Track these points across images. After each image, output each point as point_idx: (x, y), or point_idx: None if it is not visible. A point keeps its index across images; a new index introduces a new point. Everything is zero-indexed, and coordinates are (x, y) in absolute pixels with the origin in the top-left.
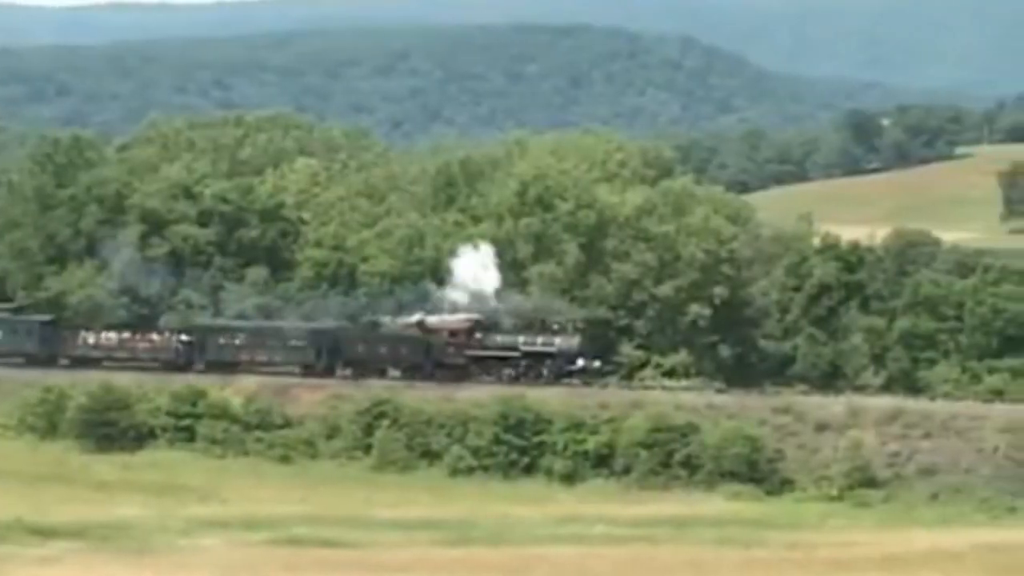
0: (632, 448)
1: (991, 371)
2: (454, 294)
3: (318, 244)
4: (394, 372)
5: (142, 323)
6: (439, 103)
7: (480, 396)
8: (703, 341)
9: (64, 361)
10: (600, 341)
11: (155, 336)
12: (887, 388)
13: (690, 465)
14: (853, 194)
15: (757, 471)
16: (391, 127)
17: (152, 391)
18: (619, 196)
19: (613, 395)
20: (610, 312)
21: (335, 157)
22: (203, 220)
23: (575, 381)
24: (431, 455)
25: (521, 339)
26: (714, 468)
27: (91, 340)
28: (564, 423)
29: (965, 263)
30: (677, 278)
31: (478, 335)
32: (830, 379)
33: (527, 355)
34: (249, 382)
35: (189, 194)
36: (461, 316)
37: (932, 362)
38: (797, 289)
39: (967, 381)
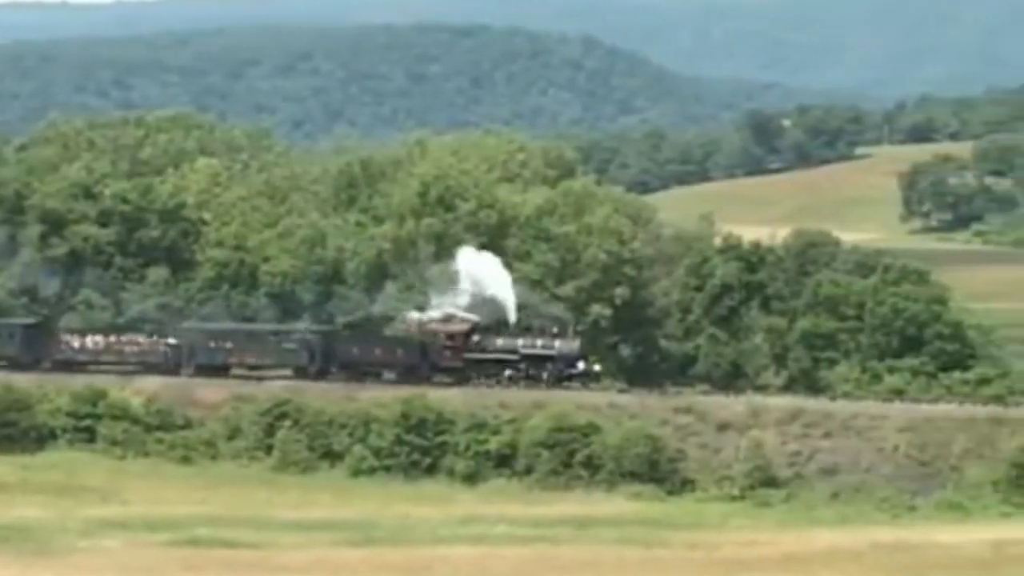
0: (534, 448)
1: (891, 371)
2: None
3: (219, 244)
4: (389, 375)
5: (127, 327)
6: (341, 103)
7: (382, 396)
8: (605, 341)
9: (48, 364)
10: None
11: (142, 339)
12: (788, 388)
13: (591, 465)
14: (754, 194)
15: (658, 471)
16: (292, 127)
17: (53, 391)
18: (520, 196)
19: (514, 395)
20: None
21: (236, 157)
22: (103, 220)
23: (576, 384)
24: (333, 456)
25: (520, 342)
26: (615, 468)
27: (76, 343)
28: (466, 423)
29: (865, 263)
30: (578, 278)
31: (476, 338)
32: (731, 379)
33: (526, 358)
34: (150, 383)
35: (89, 194)
36: (459, 317)
37: (832, 362)
38: (698, 289)
39: (867, 381)
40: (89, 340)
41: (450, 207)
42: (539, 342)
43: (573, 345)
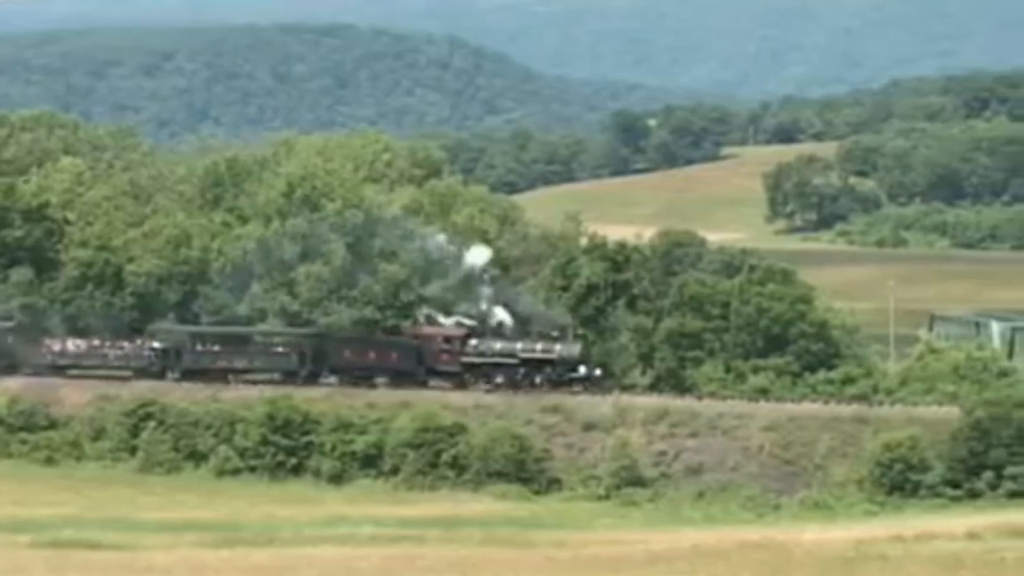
0: (400, 448)
1: (756, 370)
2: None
3: (83, 244)
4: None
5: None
6: (205, 103)
7: (248, 396)
8: None
9: (28, 370)
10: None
11: (126, 343)
12: (654, 387)
13: (458, 465)
14: (620, 195)
15: (525, 471)
16: (157, 126)
17: None
18: (386, 196)
19: (381, 395)
20: (378, 312)
21: (100, 157)
22: None
23: (577, 388)
24: (198, 456)
25: (519, 346)
26: (482, 468)
27: (57, 347)
28: (332, 423)
29: (731, 263)
30: (444, 278)
31: (474, 341)
32: (598, 378)
33: (526, 362)
34: (13, 383)
35: None
36: (455, 321)
37: (698, 361)
38: (565, 289)
39: (732, 380)
40: (71, 344)
41: (316, 207)
42: (539, 346)
43: (574, 349)
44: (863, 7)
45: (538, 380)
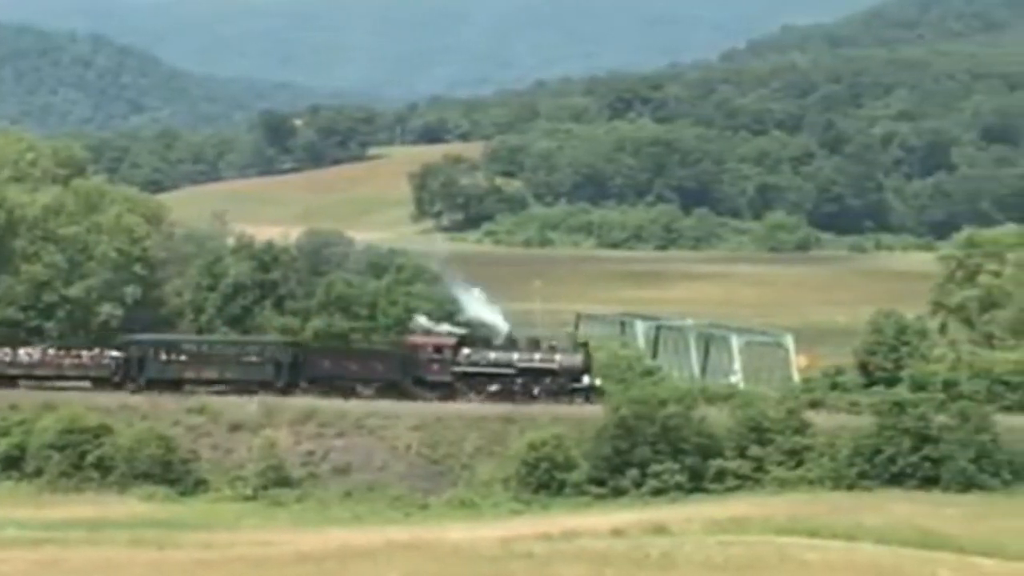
0: (44, 450)
1: None
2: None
3: None
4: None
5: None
6: None
7: None
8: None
9: None
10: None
11: (84, 352)
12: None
13: (103, 467)
14: (267, 194)
15: (171, 472)
16: None
17: None
18: (29, 196)
19: (24, 396)
20: (21, 313)
21: None
22: None
23: (579, 400)
24: None
25: (516, 356)
26: (127, 470)
27: (7, 358)
28: None
29: (378, 263)
30: (89, 278)
31: (466, 351)
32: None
33: (523, 372)
34: None
35: None
36: (446, 330)
37: None
38: (212, 289)
39: None
40: (23, 353)
41: None
42: (537, 355)
43: (576, 359)
44: (512, 8)
45: (536, 391)
